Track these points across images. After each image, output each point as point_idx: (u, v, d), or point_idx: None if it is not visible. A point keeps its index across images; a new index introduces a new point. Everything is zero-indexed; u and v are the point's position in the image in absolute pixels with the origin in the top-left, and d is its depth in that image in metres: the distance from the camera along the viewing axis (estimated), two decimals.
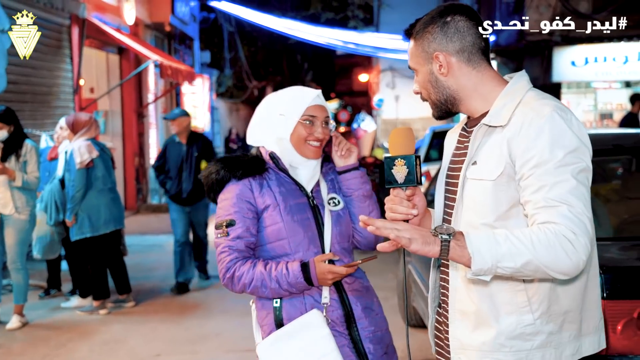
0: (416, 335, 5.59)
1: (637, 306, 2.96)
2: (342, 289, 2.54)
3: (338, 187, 2.69)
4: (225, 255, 2.50)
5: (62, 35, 10.88)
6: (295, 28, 19.27)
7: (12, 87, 8.26)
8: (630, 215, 4.07)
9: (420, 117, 21.17)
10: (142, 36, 14.73)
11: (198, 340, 5.92)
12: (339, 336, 2.49)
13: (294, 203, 2.54)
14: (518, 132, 1.90)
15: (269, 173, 2.58)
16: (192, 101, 18.29)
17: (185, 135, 7.68)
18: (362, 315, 2.54)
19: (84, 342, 5.92)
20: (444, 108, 2.09)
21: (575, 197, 1.81)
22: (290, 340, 2.44)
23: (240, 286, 2.50)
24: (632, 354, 2.96)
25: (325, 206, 2.60)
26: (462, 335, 2.00)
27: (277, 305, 2.51)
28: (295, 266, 2.45)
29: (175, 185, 7.62)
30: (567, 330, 1.95)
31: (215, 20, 22.58)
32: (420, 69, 2.09)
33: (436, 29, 2.03)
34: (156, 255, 9.89)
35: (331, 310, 2.50)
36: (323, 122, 2.59)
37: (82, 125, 6.59)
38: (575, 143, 1.87)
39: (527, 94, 1.99)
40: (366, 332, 2.54)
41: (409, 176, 2.07)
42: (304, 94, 2.61)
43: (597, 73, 14.33)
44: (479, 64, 2.04)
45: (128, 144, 14.16)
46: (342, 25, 23.17)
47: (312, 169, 2.61)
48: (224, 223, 2.52)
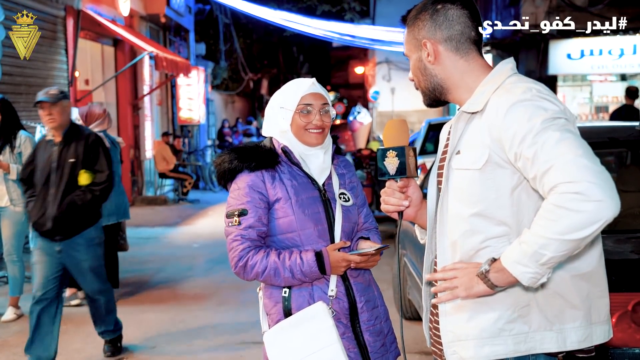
0: (412, 328, 5.59)
1: (632, 299, 2.97)
2: (348, 281, 2.59)
3: (348, 181, 2.72)
4: (237, 244, 2.53)
5: (57, 27, 10.84)
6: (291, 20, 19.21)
7: (6, 79, 8.24)
8: (625, 208, 4.07)
9: (416, 110, 21.16)
10: (137, 28, 14.68)
11: (194, 332, 5.92)
12: (342, 327, 2.53)
13: (306, 197, 2.57)
14: (494, 116, 1.90)
15: (282, 166, 2.60)
16: (187, 93, 18.25)
17: (60, 130, 4.96)
18: (364, 309, 2.59)
19: (79, 334, 5.92)
20: (432, 96, 2.10)
21: (563, 146, 1.78)
22: (295, 330, 2.48)
23: (253, 275, 2.53)
24: (627, 346, 2.97)
25: (337, 200, 2.62)
26: (456, 327, 1.98)
27: (286, 295, 2.55)
28: (310, 255, 2.49)
29: (38, 208, 4.91)
30: (570, 316, 1.92)
31: (210, 12, 22.51)
32: (411, 56, 2.10)
33: (426, 16, 2.04)
34: (151, 247, 9.89)
35: (337, 302, 2.54)
36: (320, 110, 2.59)
37: (95, 118, 6.61)
38: (550, 108, 1.86)
39: (508, 79, 1.98)
40: (366, 325, 2.59)
41: (400, 167, 2.08)
42: (299, 84, 2.64)
43: (593, 66, 14.34)
44: (467, 53, 2.04)
45: (123, 136, 14.10)
46: (338, 18, 23.13)
47: (322, 159, 2.63)
48: (236, 212, 2.54)
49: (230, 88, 27.32)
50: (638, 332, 2.96)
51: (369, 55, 27.12)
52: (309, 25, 19.18)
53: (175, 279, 7.91)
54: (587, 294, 1.94)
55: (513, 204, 1.91)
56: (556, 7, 13.67)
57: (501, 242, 1.92)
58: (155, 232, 11.17)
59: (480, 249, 1.94)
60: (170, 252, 9.61)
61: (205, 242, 10.21)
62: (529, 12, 13.98)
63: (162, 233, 11.09)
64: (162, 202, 14.60)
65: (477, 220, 1.93)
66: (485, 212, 1.92)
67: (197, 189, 16.79)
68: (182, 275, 8.06)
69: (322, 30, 19.43)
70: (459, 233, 1.96)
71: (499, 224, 1.92)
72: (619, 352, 2.96)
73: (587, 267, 1.94)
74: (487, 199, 1.92)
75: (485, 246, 1.93)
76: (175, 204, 14.68)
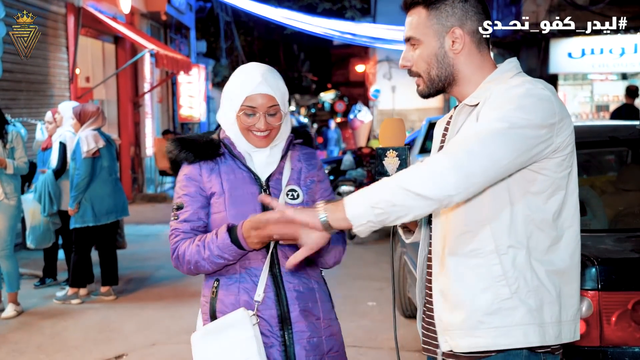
0: (412, 326, 5.59)
1: (632, 297, 2.97)
2: (281, 287, 2.38)
3: (305, 176, 2.48)
4: (172, 237, 2.46)
5: (58, 24, 10.84)
6: (292, 18, 19.22)
7: (7, 76, 8.24)
8: (626, 207, 4.08)
9: (417, 108, 21.16)
10: (138, 25, 14.68)
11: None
12: (270, 336, 2.36)
13: (242, 193, 2.39)
14: (485, 102, 1.90)
15: (224, 158, 2.45)
16: (188, 91, 18.26)
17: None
18: (299, 318, 2.38)
19: (79, 331, 5.93)
20: (438, 86, 2.03)
21: (481, 140, 1.79)
22: (217, 336, 2.34)
23: (186, 265, 2.43)
24: (626, 345, 2.97)
25: (281, 197, 2.40)
26: (444, 316, 1.99)
27: (213, 296, 2.43)
28: (223, 229, 2.33)
29: None
30: (548, 311, 1.91)
31: (211, 9, 22.51)
32: (427, 42, 2.00)
33: (457, 3, 1.97)
34: (151, 244, 9.89)
35: (264, 308, 2.36)
36: (266, 113, 2.36)
37: (89, 116, 6.63)
38: (528, 117, 1.81)
39: (512, 78, 1.96)
40: (300, 336, 2.38)
41: (400, 167, 2.07)
42: (244, 81, 2.39)
43: (594, 65, 14.35)
44: (484, 49, 2.02)
45: (124, 133, 14.13)
46: (339, 16, 23.12)
47: (266, 156, 2.43)
48: (174, 206, 2.47)
49: None
50: (638, 330, 2.96)
51: (370, 53, 27.10)
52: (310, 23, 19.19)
53: (175, 276, 7.90)
54: (559, 290, 1.93)
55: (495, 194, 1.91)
56: (557, 6, 13.67)
57: (482, 227, 1.91)
58: (155, 229, 11.18)
59: (461, 234, 1.94)
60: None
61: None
62: (530, 11, 13.98)
63: (162, 230, 11.09)
64: (163, 199, 14.60)
65: (463, 207, 1.93)
66: (470, 199, 1.90)
67: None
68: (181, 273, 8.05)
69: (323, 28, 19.44)
70: (448, 221, 1.97)
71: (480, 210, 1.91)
72: (619, 350, 2.96)
73: (561, 263, 1.94)
74: None
75: (467, 231, 1.93)
76: None
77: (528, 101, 1.84)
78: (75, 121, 6.66)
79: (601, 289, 2.94)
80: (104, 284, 6.90)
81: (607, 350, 2.95)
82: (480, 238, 1.91)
